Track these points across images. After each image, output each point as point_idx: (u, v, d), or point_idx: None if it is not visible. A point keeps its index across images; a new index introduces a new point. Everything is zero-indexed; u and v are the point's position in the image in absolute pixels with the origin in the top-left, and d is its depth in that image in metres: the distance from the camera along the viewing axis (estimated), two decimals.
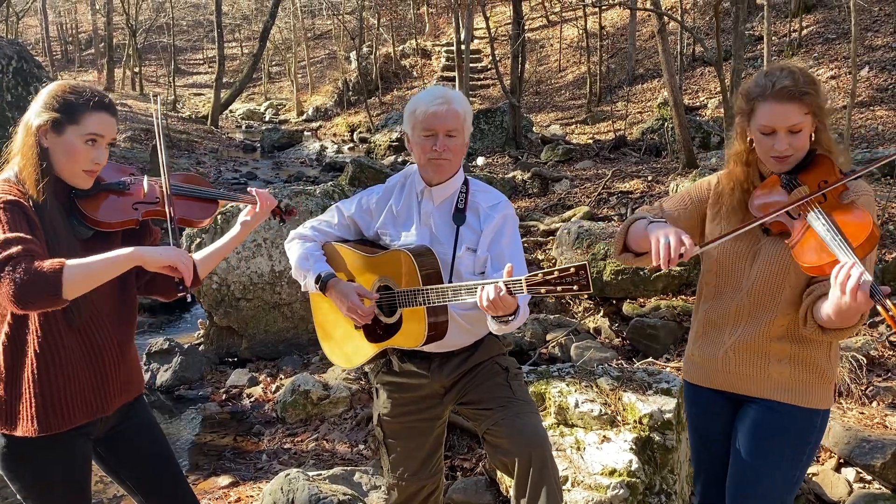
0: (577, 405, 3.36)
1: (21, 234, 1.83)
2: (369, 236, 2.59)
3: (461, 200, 2.46)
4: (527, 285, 2.03)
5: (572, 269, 1.97)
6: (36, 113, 1.99)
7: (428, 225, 2.47)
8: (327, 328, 2.66)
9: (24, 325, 1.98)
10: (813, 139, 2.07)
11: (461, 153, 2.45)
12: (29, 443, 2.01)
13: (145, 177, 2.23)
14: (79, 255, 1.99)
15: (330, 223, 2.62)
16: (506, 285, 2.06)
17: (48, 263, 1.78)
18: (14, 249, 1.78)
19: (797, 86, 2.00)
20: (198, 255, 2.31)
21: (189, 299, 2.03)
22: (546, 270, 2.02)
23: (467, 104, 2.45)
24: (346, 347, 2.60)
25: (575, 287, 1.97)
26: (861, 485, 3.69)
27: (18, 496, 2.09)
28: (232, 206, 5.59)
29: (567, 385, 3.50)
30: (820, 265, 1.89)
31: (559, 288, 1.99)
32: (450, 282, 2.37)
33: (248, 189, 2.38)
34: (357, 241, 2.60)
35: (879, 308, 1.75)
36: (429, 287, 2.28)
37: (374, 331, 2.49)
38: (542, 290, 2.01)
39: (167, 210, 2.10)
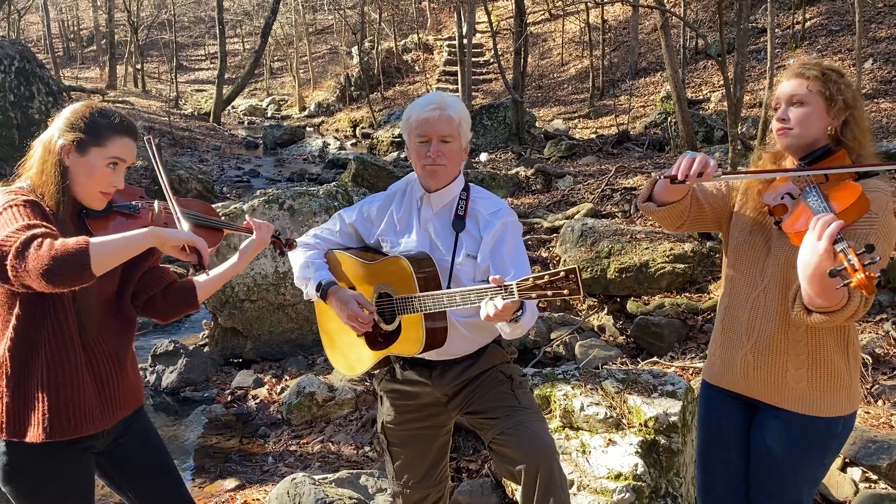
0: (582, 408, 3.36)
1: (44, 222, 1.86)
2: (370, 243, 2.59)
3: (461, 207, 2.44)
4: (518, 290, 2.03)
5: (562, 273, 1.98)
6: (60, 131, 2.00)
7: (427, 231, 2.46)
8: (331, 335, 2.66)
9: (35, 332, 1.98)
10: (837, 132, 2.09)
11: (458, 159, 2.43)
12: (33, 453, 2.02)
13: (156, 201, 2.23)
14: None
15: (332, 231, 2.63)
16: (497, 293, 2.06)
17: (73, 240, 1.78)
18: (39, 230, 1.80)
19: (804, 65, 2.09)
20: (197, 279, 2.32)
21: (205, 276, 2.08)
22: (536, 275, 2.02)
23: (463, 109, 2.43)
24: (349, 355, 2.61)
25: (565, 291, 1.98)
26: (867, 485, 3.68)
27: None
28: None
29: (572, 388, 3.50)
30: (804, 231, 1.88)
31: (550, 292, 1.99)
32: (448, 288, 2.36)
33: (246, 220, 2.39)
34: (359, 249, 2.60)
35: (840, 256, 1.73)
36: (423, 294, 2.27)
37: (375, 338, 2.49)
38: (534, 295, 2.01)
39: (175, 218, 2.08)
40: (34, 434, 1.99)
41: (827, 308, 1.89)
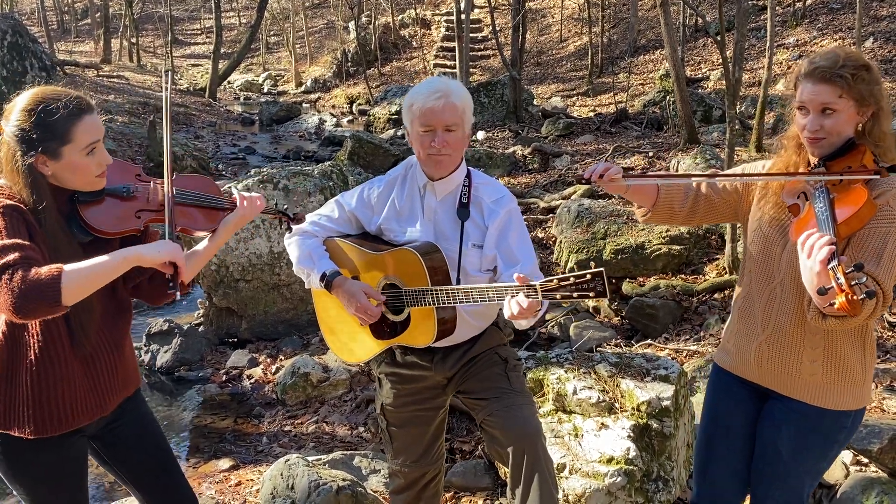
0: (575, 392, 3.36)
1: (19, 241, 1.79)
2: (371, 231, 2.55)
3: (464, 195, 2.42)
4: (542, 291, 2.03)
5: (588, 276, 1.97)
6: (22, 146, 1.87)
7: (432, 220, 2.43)
8: (330, 323, 2.64)
9: (22, 329, 1.96)
10: (861, 128, 2.04)
11: (462, 146, 2.41)
12: (25, 443, 2.01)
13: (151, 181, 2.15)
14: (81, 258, 1.97)
15: (331, 218, 2.57)
16: (521, 293, 2.05)
17: (45, 270, 1.73)
18: (11, 257, 1.74)
19: (833, 67, 1.98)
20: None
21: (178, 298, 1.99)
22: (561, 276, 2.01)
23: (467, 95, 2.40)
24: (350, 343, 2.60)
25: (591, 294, 1.98)
26: (858, 467, 3.71)
27: (15, 494, 2.11)
28: None
29: (565, 371, 3.50)
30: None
31: (575, 294, 1.99)
32: (457, 279, 2.36)
33: (232, 193, 2.29)
34: (359, 237, 2.56)
35: (829, 274, 1.73)
36: (439, 288, 2.26)
37: (381, 328, 2.47)
38: (558, 296, 2.02)
39: (167, 218, 2.03)
40: (24, 430, 1.99)
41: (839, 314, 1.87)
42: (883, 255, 1.90)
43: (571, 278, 1.99)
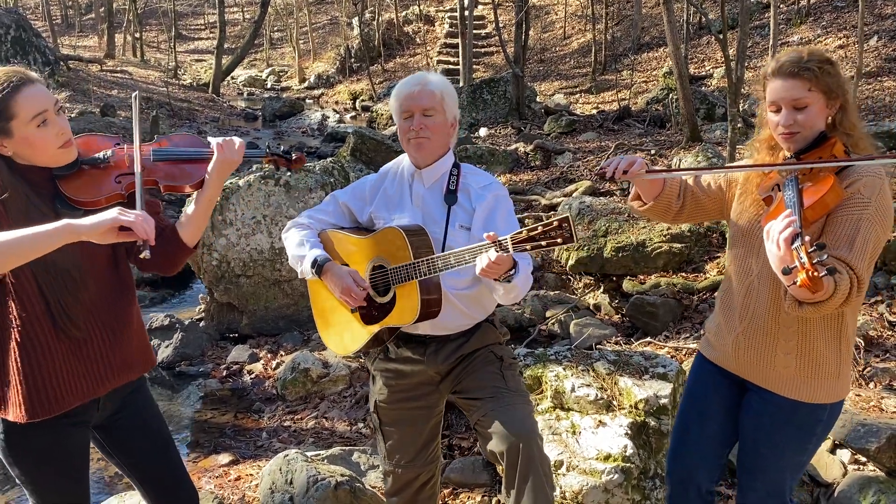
0: (573, 389, 3.37)
1: None
2: (363, 221, 2.62)
3: (452, 182, 2.49)
4: (512, 243, 2.07)
5: (555, 223, 2.02)
6: None
7: (420, 207, 2.50)
8: (326, 316, 2.67)
9: (4, 313, 1.97)
10: (832, 121, 2.10)
11: (442, 132, 2.46)
12: (20, 427, 2.02)
13: (125, 145, 2.10)
14: None
15: (325, 210, 2.66)
16: (493, 248, 2.11)
17: None
18: None
19: (799, 62, 2.05)
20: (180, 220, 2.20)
21: (147, 255, 1.82)
22: (530, 227, 2.06)
23: (446, 84, 2.47)
24: (343, 334, 2.62)
25: (559, 240, 2.02)
26: (855, 466, 3.71)
27: (17, 481, 2.12)
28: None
29: (564, 369, 3.51)
30: None
31: (544, 242, 2.04)
32: None
33: (211, 144, 2.16)
34: (352, 228, 2.63)
35: (793, 254, 1.77)
36: (418, 260, 2.31)
37: (370, 312, 2.51)
38: (528, 247, 2.06)
39: (136, 179, 1.96)
40: (16, 414, 2.00)
41: (812, 299, 1.89)
42: (855, 241, 1.96)
43: (539, 227, 2.03)
